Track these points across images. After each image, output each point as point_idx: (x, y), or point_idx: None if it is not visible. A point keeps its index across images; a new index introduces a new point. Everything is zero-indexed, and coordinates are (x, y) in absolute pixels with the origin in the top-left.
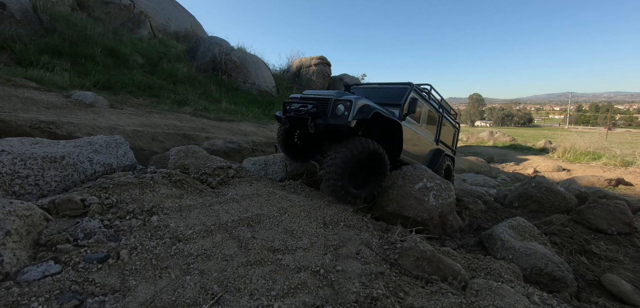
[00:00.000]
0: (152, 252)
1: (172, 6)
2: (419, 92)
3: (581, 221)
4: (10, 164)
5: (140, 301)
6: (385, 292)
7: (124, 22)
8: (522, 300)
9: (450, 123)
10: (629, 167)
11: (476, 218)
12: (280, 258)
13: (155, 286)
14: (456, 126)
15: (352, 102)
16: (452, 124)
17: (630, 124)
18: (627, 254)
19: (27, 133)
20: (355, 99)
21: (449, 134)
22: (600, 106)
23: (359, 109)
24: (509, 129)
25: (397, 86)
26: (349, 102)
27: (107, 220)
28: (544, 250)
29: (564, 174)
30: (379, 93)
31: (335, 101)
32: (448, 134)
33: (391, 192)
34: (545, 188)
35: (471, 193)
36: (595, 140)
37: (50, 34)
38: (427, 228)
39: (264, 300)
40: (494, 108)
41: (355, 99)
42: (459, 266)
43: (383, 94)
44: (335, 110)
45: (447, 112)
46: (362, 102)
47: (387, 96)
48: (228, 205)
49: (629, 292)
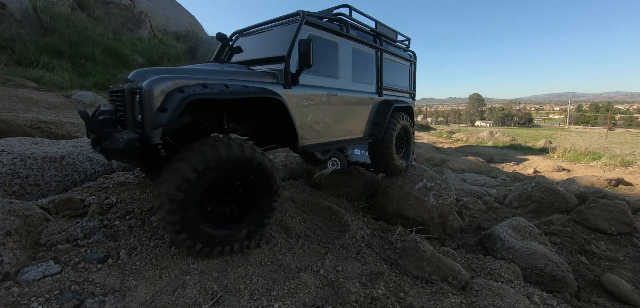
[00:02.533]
0: (152, 252)
1: (172, 6)
2: (322, 26)
3: (581, 221)
4: (10, 164)
5: (140, 301)
6: (385, 292)
7: (124, 22)
8: (522, 300)
9: (398, 56)
10: (629, 167)
11: (476, 218)
12: (280, 258)
13: (155, 286)
14: (410, 58)
15: (141, 91)
16: (401, 58)
17: (630, 124)
18: (627, 254)
19: (27, 133)
20: (151, 84)
21: (399, 74)
22: (600, 106)
23: (163, 107)
24: (509, 129)
25: (279, 24)
26: (138, 95)
27: (106, 220)
28: (544, 250)
29: (564, 174)
30: (259, 43)
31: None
32: (398, 74)
33: (391, 192)
34: (545, 188)
35: (471, 193)
36: (595, 140)
37: (50, 34)
38: (427, 228)
39: (264, 300)
40: (494, 108)
41: (152, 82)
42: (459, 266)
43: (265, 43)
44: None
45: (391, 41)
46: (162, 86)
47: (270, 45)
48: None
49: (629, 292)
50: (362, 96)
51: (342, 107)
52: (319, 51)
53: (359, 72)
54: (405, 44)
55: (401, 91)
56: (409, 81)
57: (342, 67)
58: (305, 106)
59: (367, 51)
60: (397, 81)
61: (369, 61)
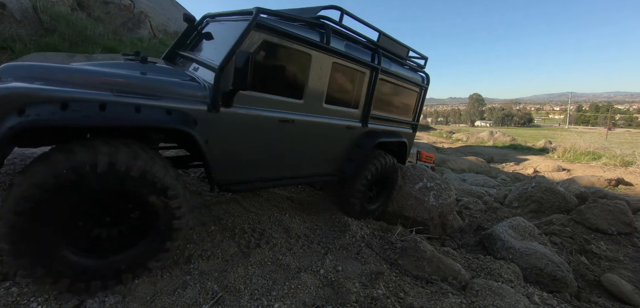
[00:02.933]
0: None
1: (172, 6)
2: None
3: (581, 221)
4: (10, 163)
5: (141, 301)
6: (385, 292)
7: (124, 22)
8: (522, 300)
9: (404, 79)
10: (629, 167)
11: (476, 218)
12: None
13: (155, 286)
14: (421, 82)
15: None
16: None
17: (630, 124)
18: (627, 254)
19: None
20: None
21: (400, 99)
22: (600, 106)
23: None
24: (509, 129)
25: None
26: None
27: None
28: (544, 250)
29: (564, 174)
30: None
31: None
32: (398, 100)
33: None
34: (545, 188)
35: (471, 193)
36: (595, 140)
37: (50, 34)
38: (427, 228)
39: (264, 301)
40: (494, 108)
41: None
42: (459, 266)
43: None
44: None
45: (397, 59)
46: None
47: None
48: (227, 205)
49: (629, 292)
50: (336, 123)
51: (302, 137)
52: (279, 62)
53: (338, 94)
54: (418, 64)
55: (399, 121)
56: (414, 109)
57: (312, 86)
58: (240, 132)
59: (357, 68)
60: (395, 108)
61: (356, 81)
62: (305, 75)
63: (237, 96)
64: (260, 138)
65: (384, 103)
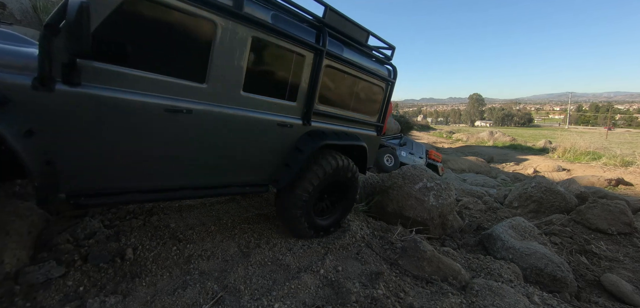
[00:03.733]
0: (152, 252)
1: None
2: None
3: (581, 221)
4: None
5: (141, 301)
6: (385, 292)
7: None
8: (522, 300)
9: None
10: (629, 167)
11: (476, 218)
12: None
13: (156, 286)
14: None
15: None
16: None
17: (630, 124)
18: (627, 254)
19: None
20: None
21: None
22: (600, 106)
23: None
24: (509, 129)
25: None
26: None
27: (107, 220)
28: (544, 250)
29: (564, 174)
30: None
31: None
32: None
33: (391, 192)
34: (545, 188)
35: (471, 193)
36: (595, 140)
37: None
38: (427, 228)
39: (264, 301)
40: (494, 108)
41: None
42: (459, 266)
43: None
44: None
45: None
46: None
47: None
48: (227, 205)
49: (629, 292)
50: (262, 117)
51: (206, 133)
52: (165, 29)
53: (264, 81)
54: (383, 54)
55: (357, 121)
56: (379, 108)
57: (221, 66)
58: (97, 122)
59: (291, 48)
60: (352, 104)
61: (293, 66)
62: (207, 50)
63: (91, 71)
64: (131, 132)
65: (335, 97)
